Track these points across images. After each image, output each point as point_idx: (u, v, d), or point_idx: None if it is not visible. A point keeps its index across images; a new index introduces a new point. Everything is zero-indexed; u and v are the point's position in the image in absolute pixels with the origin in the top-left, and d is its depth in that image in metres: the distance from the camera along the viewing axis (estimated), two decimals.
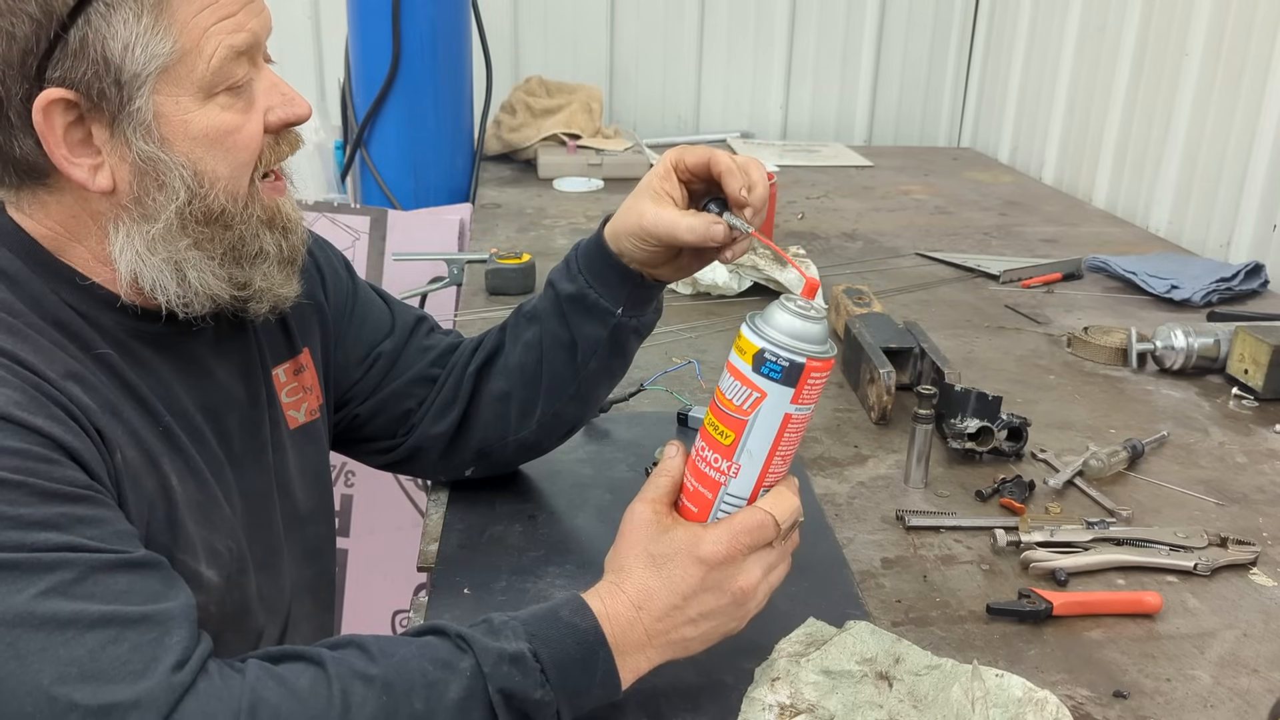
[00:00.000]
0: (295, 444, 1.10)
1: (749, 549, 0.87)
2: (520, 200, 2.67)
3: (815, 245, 2.34)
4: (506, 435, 1.20)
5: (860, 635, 0.90)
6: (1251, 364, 1.59)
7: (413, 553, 1.21)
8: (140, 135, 0.85)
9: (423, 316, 1.25)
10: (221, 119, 0.88)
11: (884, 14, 3.49)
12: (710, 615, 0.88)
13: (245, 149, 0.91)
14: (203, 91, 0.87)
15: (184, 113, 0.86)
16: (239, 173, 0.91)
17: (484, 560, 1.14)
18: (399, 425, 1.20)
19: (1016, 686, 0.85)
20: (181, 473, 0.91)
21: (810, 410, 0.89)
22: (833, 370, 0.91)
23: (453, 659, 0.80)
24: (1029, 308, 1.98)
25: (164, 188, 0.87)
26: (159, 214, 0.87)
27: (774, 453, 0.89)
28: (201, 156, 0.88)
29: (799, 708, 0.86)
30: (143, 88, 0.84)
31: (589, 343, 1.12)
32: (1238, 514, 1.29)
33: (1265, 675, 1.00)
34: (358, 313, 1.19)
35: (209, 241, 0.90)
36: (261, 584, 1.01)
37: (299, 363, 1.10)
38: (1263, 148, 2.20)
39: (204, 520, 0.92)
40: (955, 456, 1.39)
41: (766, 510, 0.88)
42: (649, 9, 3.41)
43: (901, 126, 3.64)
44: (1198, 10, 2.40)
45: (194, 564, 0.90)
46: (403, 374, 1.19)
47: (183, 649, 0.74)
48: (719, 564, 0.86)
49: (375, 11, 2.59)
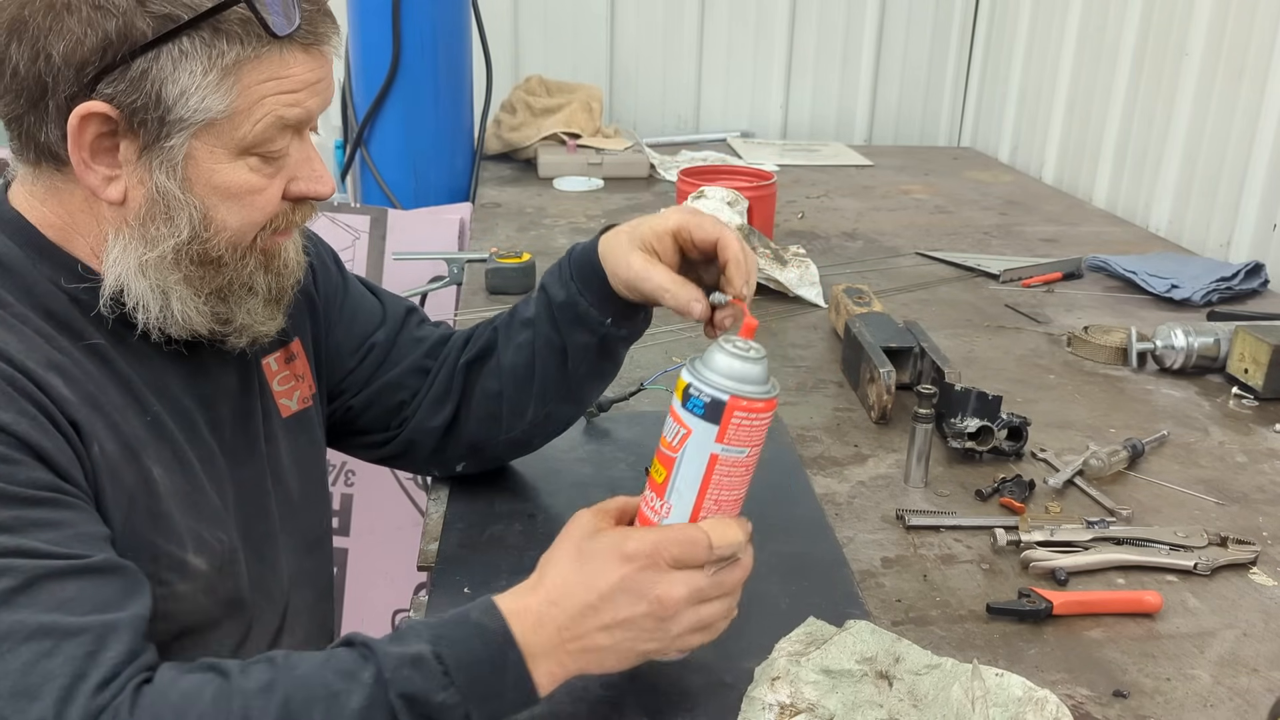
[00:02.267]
0: (288, 432, 1.10)
1: (675, 560, 0.84)
2: (520, 199, 2.67)
3: (815, 245, 2.34)
4: (498, 433, 1.21)
5: (860, 634, 0.90)
6: (1251, 363, 1.59)
7: (413, 552, 1.21)
8: (165, 170, 0.87)
9: (412, 308, 1.26)
10: (247, 179, 0.90)
11: (884, 14, 3.49)
12: (626, 624, 0.83)
13: (260, 210, 0.92)
14: (239, 150, 0.88)
15: (214, 162, 0.88)
16: (247, 229, 0.92)
17: (484, 560, 1.14)
18: (392, 417, 1.21)
19: (1016, 686, 0.85)
20: (169, 463, 0.92)
21: (743, 455, 0.87)
22: (773, 413, 0.88)
23: (356, 668, 0.78)
24: (1029, 307, 1.98)
25: (171, 222, 0.88)
26: (159, 244, 0.89)
27: (704, 494, 0.87)
28: (215, 205, 0.90)
29: (799, 707, 0.86)
30: (184, 131, 0.85)
31: (579, 349, 1.13)
32: (1238, 513, 1.29)
33: (1265, 674, 1.01)
34: (348, 305, 1.20)
35: (199, 280, 0.92)
36: (256, 572, 1.02)
37: (290, 351, 1.11)
38: (1263, 148, 2.20)
39: (191, 510, 0.93)
40: (955, 456, 1.39)
41: (702, 529, 0.86)
42: (649, 9, 3.41)
43: (902, 126, 3.64)
44: (1198, 10, 2.40)
45: (181, 553, 0.90)
46: (396, 365, 1.20)
47: (114, 664, 0.74)
48: (641, 565, 0.83)
49: (375, 11, 2.59)
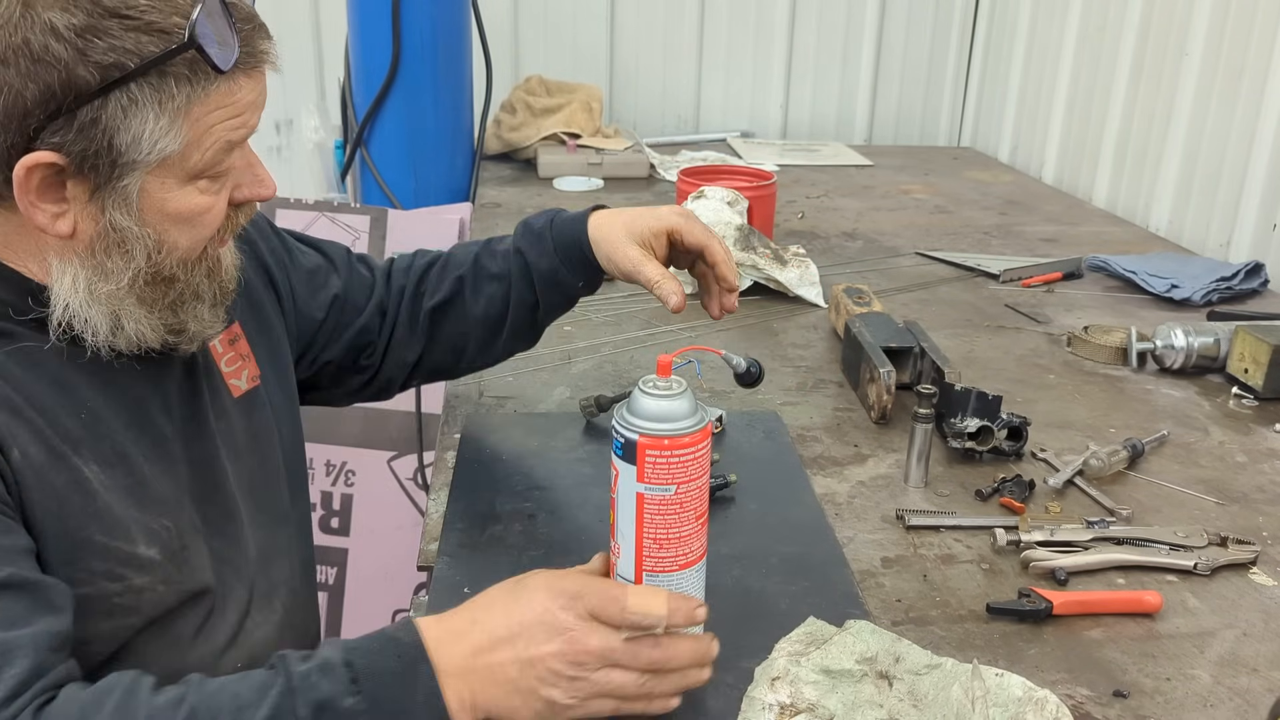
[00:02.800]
0: (242, 411, 1.11)
1: (592, 611, 0.83)
2: (520, 199, 2.67)
3: (815, 244, 2.34)
4: (460, 364, 1.36)
5: (860, 634, 0.90)
6: (1251, 363, 1.59)
7: (413, 552, 1.21)
8: (119, 208, 0.86)
9: (347, 249, 1.33)
10: (196, 202, 0.90)
11: (884, 13, 3.49)
12: (537, 662, 0.82)
13: (210, 226, 0.93)
14: (189, 177, 0.88)
15: (165, 192, 0.88)
16: (197, 245, 0.93)
17: (484, 559, 1.14)
18: (363, 356, 1.30)
19: (1016, 686, 0.85)
20: (106, 458, 0.91)
21: (669, 493, 0.87)
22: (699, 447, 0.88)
23: (267, 682, 0.78)
24: (1029, 307, 1.98)
25: (127, 254, 0.89)
26: (115, 275, 0.89)
27: (641, 534, 0.89)
28: (168, 230, 0.90)
29: (799, 707, 0.86)
30: (136, 171, 0.85)
31: (550, 305, 1.30)
32: (1238, 513, 1.29)
33: (1265, 674, 1.01)
34: (300, 265, 1.25)
35: (152, 299, 0.92)
36: (219, 549, 1.02)
37: (233, 333, 1.12)
38: (1263, 147, 2.20)
39: (135, 502, 0.93)
40: (955, 456, 1.39)
41: (623, 588, 0.85)
42: (649, 8, 3.41)
43: (901, 126, 3.64)
44: (1198, 10, 2.40)
45: (129, 547, 0.91)
46: (359, 310, 1.28)
47: (12, 685, 0.73)
48: (562, 605, 0.83)
49: (375, 11, 2.59)
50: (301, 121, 3.07)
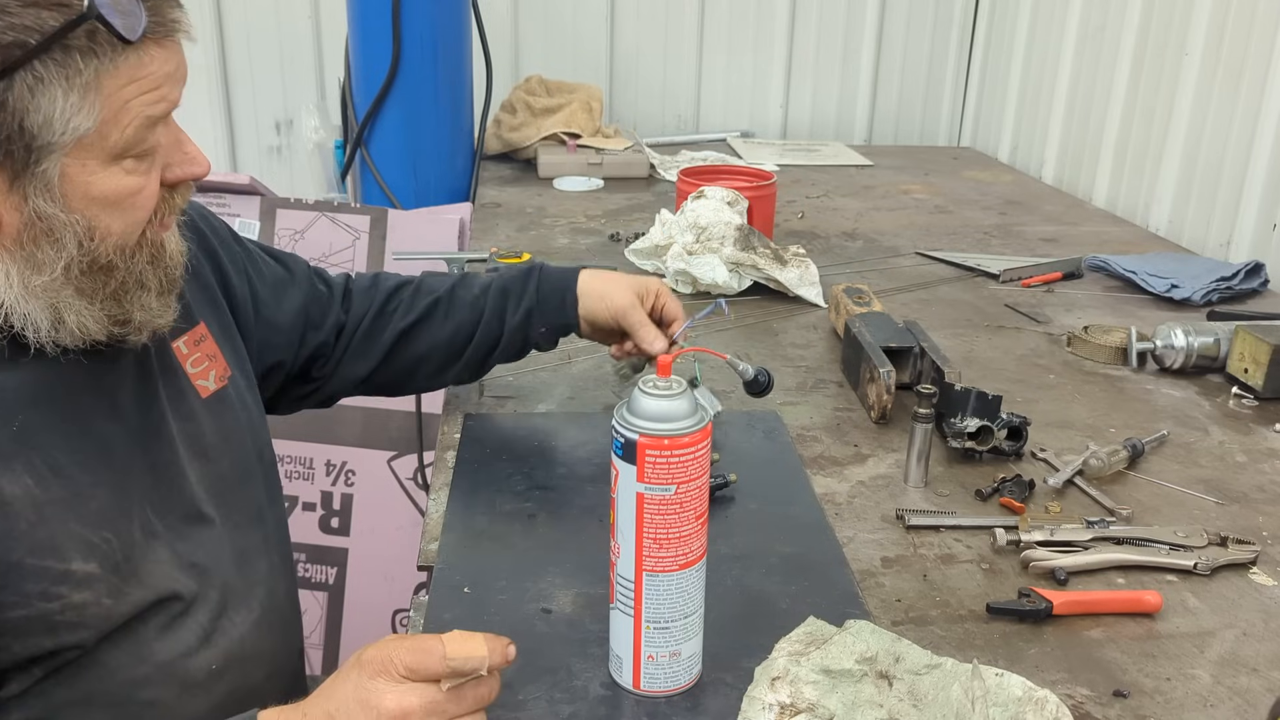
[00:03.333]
0: (211, 411, 1.09)
1: (408, 669, 0.81)
2: (520, 199, 2.67)
3: (815, 244, 2.34)
4: (406, 386, 1.40)
5: (860, 634, 0.90)
6: (1251, 363, 1.59)
7: (413, 552, 1.21)
8: (41, 195, 0.84)
9: (307, 262, 1.34)
10: (123, 183, 0.87)
11: (884, 13, 3.49)
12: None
13: (143, 208, 0.90)
14: (111, 157, 0.86)
15: (88, 175, 0.85)
16: (132, 229, 0.90)
17: (484, 559, 1.14)
18: (319, 369, 1.33)
19: (1016, 685, 0.85)
20: (38, 473, 0.88)
21: (669, 492, 0.87)
22: (699, 446, 0.88)
23: None
24: (1029, 307, 1.98)
25: (57, 243, 0.86)
26: (47, 267, 0.86)
27: (641, 534, 0.89)
28: (97, 214, 0.87)
29: (799, 707, 0.86)
30: (54, 154, 0.83)
31: (508, 347, 1.38)
32: (1238, 513, 1.29)
33: (1265, 674, 1.01)
34: (265, 276, 1.25)
35: (91, 289, 0.89)
36: (183, 553, 1.00)
37: (198, 333, 1.10)
38: (1263, 147, 2.20)
39: (71, 515, 0.90)
40: (955, 456, 1.39)
41: (440, 639, 0.82)
42: (649, 8, 3.41)
43: (901, 126, 3.64)
44: (1198, 10, 2.40)
45: (61, 565, 0.88)
46: (319, 326, 1.30)
47: None
48: (372, 673, 0.81)
49: (375, 11, 2.59)
50: (301, 121, 3.07)
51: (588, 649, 0.99)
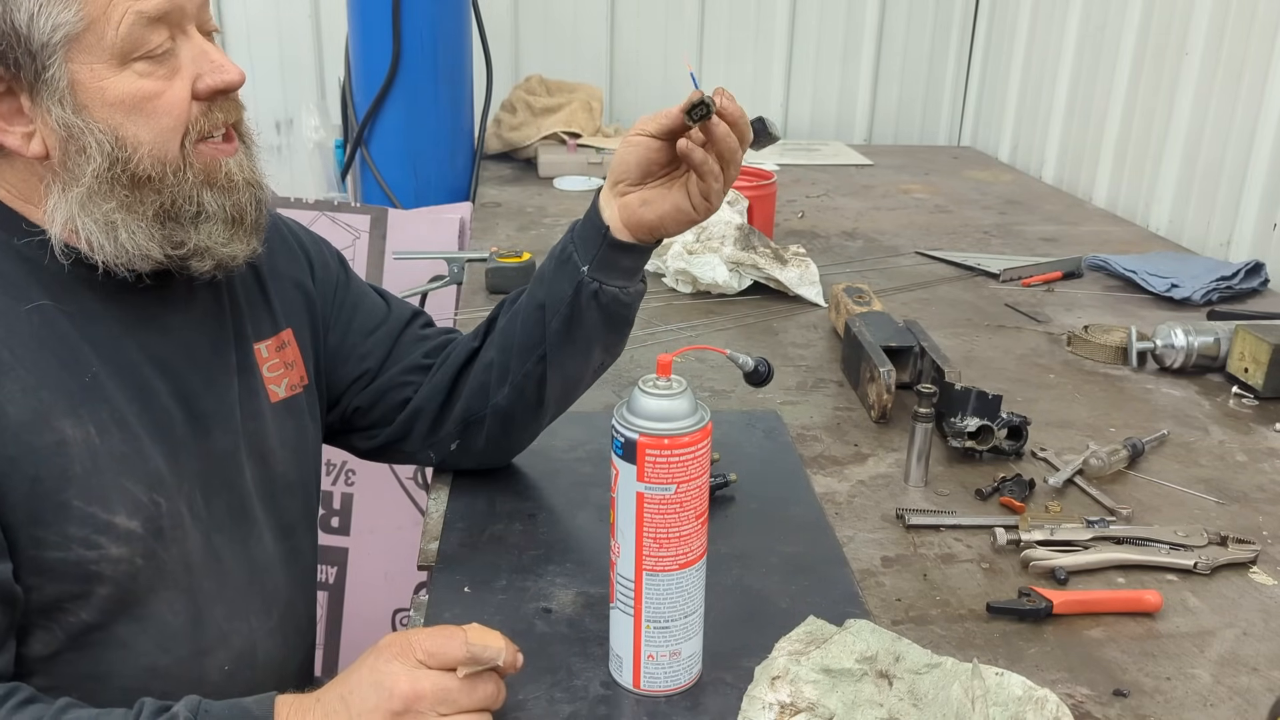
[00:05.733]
0: (277, 416, 1.11)
1: (428, 653, 0.83)
2: (520, 199, 2.67)
3: (815, 244, 2.34)
4: (486, 402, 1.20)
5: (860, 634, 0.90)
6: (1251, 363, 1.59)
7: (413, 552, 1.21)
8: (57, 103, 0.87)
9: (419, 311, 1.28)
10: (139, 86, 0.90)
11: (884, 13, 3.49)
12: (370, 714, 0.82)
13: (169, 114, 0.92)
14: (117, 59, 0.88)
15: (99, 79, 0.88)
16: (164, 138, 0.92)
17: (484, 559, 1.14)
18: (396, 412, 1.23)
19: (1016, 685, 0.85)
20: (103, 423, 0.92)
21: (669, 492, 0.87)
22: (700, 446, 0.88)
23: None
24: (1029, 306, 1.98)
25: (83, 152, 0.89)
26: (81, 176, 0.90)
27: (641, 533, 0.89)
28: (121, 123, 0.90)
29: (799, 706, 0.86)
30: (54, 56, 0.86)
31: (555, 300, 1.13)
32: (1238, 512, 1.29)
33: (1265, 674, 1.01)
34: (349, 302, 1.22)
35: (138, 204, 0.92)
36: (218, 545, 1.02)
37: (281, 339, 1.12)
38: (1263, 147, 2.20)
39: (126, 471, 0.93)
40: (955, 455, 1.39)
41: (461, 629, 0.85)
42: (649, 8, 3.41)
43: (901, 125, 3.64)
44: (1198, 10, 2.40)
45: (106, 515, 0.91)
46: (399, 362, 1.22)
47: None
48: (390, 656, 0.83)
49: (375, 11, 2.59)
50: (302, 121, 3.07)
51: (588, 648, 0.99)
